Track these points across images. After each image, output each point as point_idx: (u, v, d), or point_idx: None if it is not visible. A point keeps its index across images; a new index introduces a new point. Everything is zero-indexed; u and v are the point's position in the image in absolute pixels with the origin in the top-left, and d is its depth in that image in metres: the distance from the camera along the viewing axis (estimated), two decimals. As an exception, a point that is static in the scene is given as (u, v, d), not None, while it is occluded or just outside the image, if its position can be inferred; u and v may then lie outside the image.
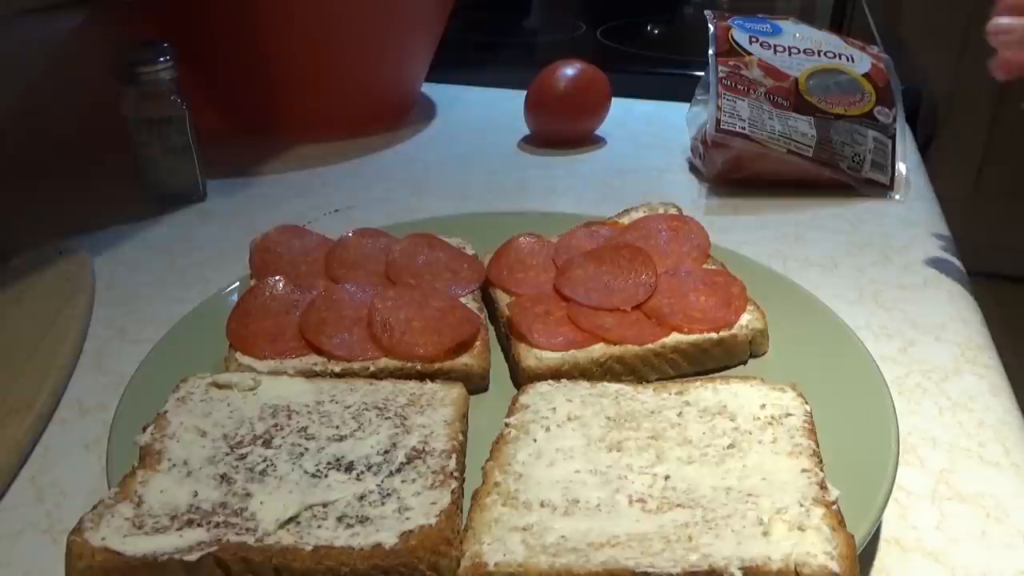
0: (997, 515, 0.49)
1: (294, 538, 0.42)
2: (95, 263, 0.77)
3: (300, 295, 0.63)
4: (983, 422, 0.56)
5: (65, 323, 0.67)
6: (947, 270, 0.74)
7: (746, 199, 0.87)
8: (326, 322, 0.59)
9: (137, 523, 0.43)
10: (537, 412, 0.52)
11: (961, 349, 0.63)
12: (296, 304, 0.62)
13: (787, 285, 0.64)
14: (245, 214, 0.87)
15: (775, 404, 0.51)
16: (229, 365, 0.57)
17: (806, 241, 0.79)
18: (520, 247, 0.68)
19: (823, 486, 0.44)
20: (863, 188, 0.87)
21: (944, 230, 0.82)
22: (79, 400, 0.61)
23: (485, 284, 0.66)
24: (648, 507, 0.44)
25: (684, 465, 0.47)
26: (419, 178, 0.95)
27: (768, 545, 0.40)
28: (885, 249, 0.77)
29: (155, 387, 0.54)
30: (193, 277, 0.76)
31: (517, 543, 0.42)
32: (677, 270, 0.64)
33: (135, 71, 0.82)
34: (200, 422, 0.50)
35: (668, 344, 0.58)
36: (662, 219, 0.70)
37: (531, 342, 0.58)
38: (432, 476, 0.46)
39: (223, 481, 0.46)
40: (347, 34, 0.96)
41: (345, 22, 0.95)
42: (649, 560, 0.40)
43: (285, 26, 0.94)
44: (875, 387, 0.53)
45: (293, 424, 0.50)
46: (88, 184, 0.94)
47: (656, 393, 0.53)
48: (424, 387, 0.54)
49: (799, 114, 0.88)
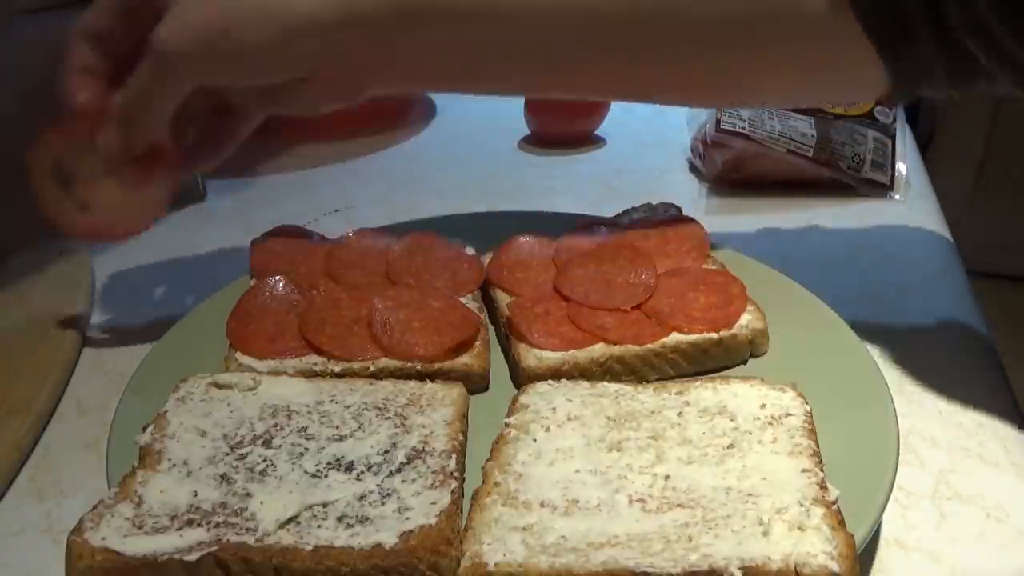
0: (997, 515, 0.49)
1: (294, 538, 0.42)
2: (95, 263, 0.77)
3: (300, 295, 0.63)
4: (983, 422, 0.56)
5: (65, 323, 0.67)
6: (947, 270, 0.74)
7: (746, 199, 0.87)
8: (326, 322, 0.59)
9: (137, 523, 0.43)
10: (537, 412, 0.52)
11: (961, 349, 0.63)
12: (296, 304, 0.62)
13: (787, 285, 0.64)
14: (245, 214, 0.87)
15: (775, 404, 0.51)
16: (229, 365, 0.57)
17: (806, 241, 0.79)
18: (520, 247, 0.68)
19: (823, 486, 0.44)
20: (863, 188, 0.87)
21: (944, 230, 0.82)
22: (79, 400, 0.61)
23: (485, 284, 0.66)
24: (648, 507, 0.44)
25: (684, 465, 0.47)
26: (419, 178, 0.95)
27: (768, 545, 0.40)
28: (885, 249, 0.77)
29: (155, 387, 0.54)
30: (193, 277, 0.76)
31: (517, 543, 0.42)
32: (677, 270, 0.64)
33: (135, 71, 0.82)
34: (200, 422, 0.50)
35: (668, 344, 0.58)
36: (662, 219, 0.70)
37: (531, 342, 0.58)
38: (432, 476, 0.46)
39: (223, 481, 0.46)
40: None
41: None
42: (649, 560, 0.40)
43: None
44: (875, 387, 0.53)
45: (293, 424, 0.50)
46: (88, 184, 0.94)
47: (656, 393, 0.53)
48: (424, 387, 0.54)
49: (799, 114, 0.88)
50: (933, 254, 0.77)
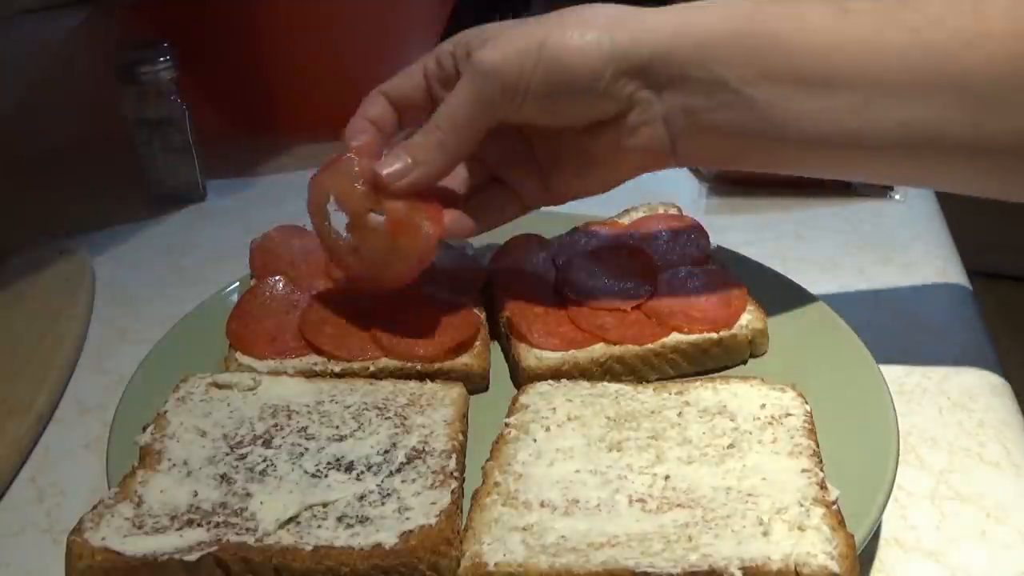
0: (997, 515, 0.49)
1: (294, 538, 0.42)
2: (95, 263, 0.77)
3: (300, 295, 0.63)
4: (983, 422, 0.56)
5: (65, 323, 0.67)
6: (947, 270, 0.74)
7: (746, 199, 0.87)
8: (326, 322, 0.59)
9: (137, 523, 0.43)
10: (537, 412, 0.52)
11: (961, 349, 0.63)
12: (296, 304, 0.62)
13: (787, 285, 0.64)
14: (245, 214, 0.87)
15: (775, 404, 0.51)
16: (229, 365, 0.57)
17: (806, 241, 0.79)
18: (520, 247, 0.68)
19: (823, 486, 0.44)
20: (863, 188, 0.87)
21: (944, 230, 0.82)
22: (79, 400, 0.61)
23: (485, 284, 0.66)
24: (648, 507, 0.44)
25: (684, 465, 0.47)
26: (419, 178, 0.95)
27: (768, 545, 0.40)
28: (885, 249, 0.77)
29: (155, 387, 0.54)
30: (193, 277, 0.76)
31: (517, 543, 0.42)
32: (677, 270, 0.64)
33: (135, 71, 0.82)
34: (200, 422, 0.50)
35: (668, 344, 0.58)
36: (662, 219, 0.70)
37: (531, 342, 0.58)
38: (432, 476, 0.46)
39: (223, 481, 0.46)
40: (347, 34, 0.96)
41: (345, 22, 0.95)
42: (649, 560, 0.40)
43: (285, 26, 0.94)
44: (875, 387, 0.53)
45: (293, 424, 0.50)
46: (88, 184, 0.94)
47: (656, 393, 0.53)
48: (424, 387, 0.54)
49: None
50: (933, 254, 0.77)
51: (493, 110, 0.53)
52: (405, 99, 0.59)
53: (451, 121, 0.54)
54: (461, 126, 0.54)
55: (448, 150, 0.54)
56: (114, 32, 0.97)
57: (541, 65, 0.51)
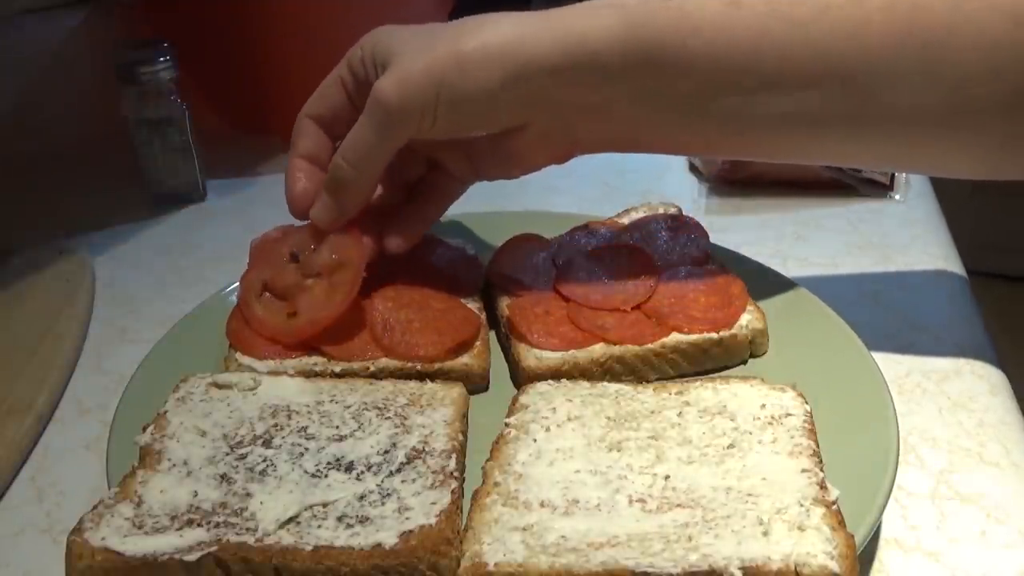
0: (997, 515, 0.49)
1: (294, 538, 0.42)
2: (95, 263, 0.77)
3: (300, 295, 0.63)
4: (983, 422, 0.56)
5: (65, 323, 0.67)
6: (947, 270, 0.74)
7: (746, 199, 0.87)
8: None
9: (137, 523, 0.43)
10: (537, 412, 0.52)
11: (961, 349, 0.63)
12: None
13: (787, 285, 0.64)
14: (245, 214, 0.87)
15: (775, 404, 0.51)
16: (229, 365, 0.57)
17: (806, 241, 0.79)
18: (520, 247, 0.68)
19: (823, 486, 0.44)
20: (863, 188, 0.87)
21: (944, 230, 0.82)
22: (79, 400, 0.61)
23: (485, 284, 0.66)
24: (648, 507, 0.44)
25: (684, 465, 0.47)
26: (419, 178, 0.95)
27: (768, 545, 0.40)
28: (885, 249, 0.77)
29: (155, 387, 0.54)
30: (193, 277, 0.76)
31: (517, 543, 0.42)
32: (677, 270, 0.64)
33: (135, 71, 0.82)
34: (200, 422, 0.50)
35: (668, 344, 0.58)
36: (662, 219, 0.70)
37: (531, 342, 0.58)
38: (432, 476, 0.46)
39: (223, 481, 0.46)
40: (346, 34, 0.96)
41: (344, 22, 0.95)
42: (649, 560, 0.40)
43: (285, 26, 0.94)
44: (875, 387, 0.53)
45: (293, 424, 0.50)
46: (88, 184, 0.94)
47: (656, 393, 0.53)
48: (424, 387, 0.54)
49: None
50: (933, 254, 0.77)
51: (396, 141, 0.56)
52: (332, 116, 0.61)
53: (356, 155, 0.56)
54: (365, 158, 0.56)
55: (361, 181, 0.57)
56: (114, 32, 0.97)
57: (441, 102, 0.53)
